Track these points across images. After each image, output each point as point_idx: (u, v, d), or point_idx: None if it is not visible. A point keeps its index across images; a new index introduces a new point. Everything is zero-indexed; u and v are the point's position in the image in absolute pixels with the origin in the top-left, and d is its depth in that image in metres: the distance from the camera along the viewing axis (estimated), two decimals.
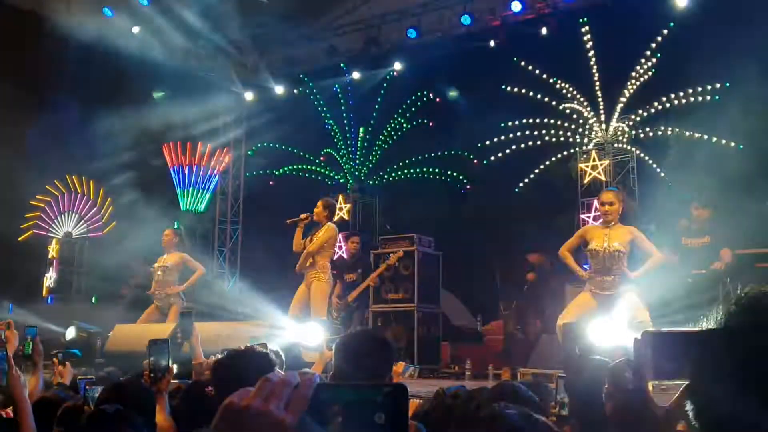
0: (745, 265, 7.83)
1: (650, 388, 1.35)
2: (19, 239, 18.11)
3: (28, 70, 14.60)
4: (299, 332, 6.72)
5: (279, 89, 15.75)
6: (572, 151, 12.96)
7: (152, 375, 3.45)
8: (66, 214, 18.70)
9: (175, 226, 9.93)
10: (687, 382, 1.33)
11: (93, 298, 17.07)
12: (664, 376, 1.32)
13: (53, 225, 18.64)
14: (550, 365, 6.53)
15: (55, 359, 5.39)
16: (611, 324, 5.75)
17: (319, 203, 8.64)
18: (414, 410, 3.89)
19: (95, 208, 18.57)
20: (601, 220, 7.15)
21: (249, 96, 16.59)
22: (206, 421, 1.02)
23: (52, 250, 17.72)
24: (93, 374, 5.22)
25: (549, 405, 3.16)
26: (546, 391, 3.43)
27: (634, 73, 12.31)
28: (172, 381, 3.72)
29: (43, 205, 18.68)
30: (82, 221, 18.58)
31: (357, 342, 2.99)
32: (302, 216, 8.62)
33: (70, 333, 7.97)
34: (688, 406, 1.05)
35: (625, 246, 6.74)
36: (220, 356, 3.65)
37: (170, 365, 3.56)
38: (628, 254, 6.76)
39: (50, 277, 17.49)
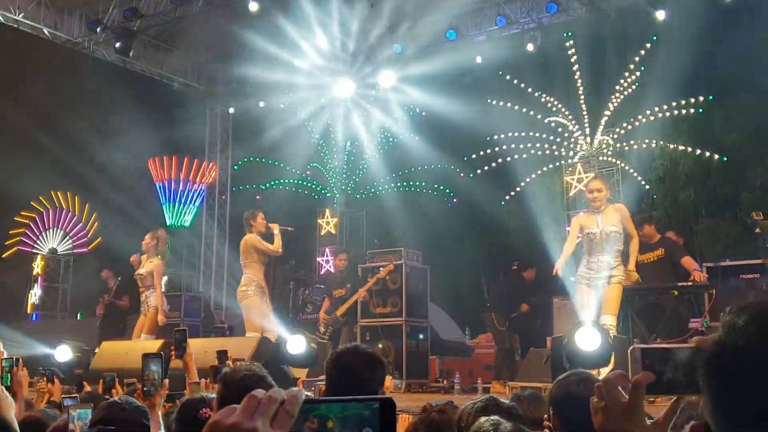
0: (731, 276, 7.87)
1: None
2: (3, 256, 17.97)
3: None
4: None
5: (264, 103, 15.75)
6: (558, 164, 13.03)
7: (145, 389, 3.43)
8: (51, 230, 18.58)
9: (156, 232, 9.80)
10: (677, 396, 1.34)
11: (78, 315, 16.94)
12: (655, 391, 1.33)
13: (38, 241, 18.52)
14: (538, 379, 6.54)
15: (37, 378, 5.34)
16: (596, 331, 5.79)
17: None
18: (405, 428, 3.89)
19: (80, 224, 18.47)
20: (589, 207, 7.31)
21: (234, 110, 16.58)
22: None
23: (37, 267, 17.59)
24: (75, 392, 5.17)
25: (543, 416, 3.17)
26: (539, 402, 3.43)
27: (618, 87, 12.40)
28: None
29: (27, 221, 18.56)
30: (67, 237, 18.46)
31: (349, 358, 2.99)
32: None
33: (64, 353, 7.88)
34: (710, 421, 1.05)
35: (618, 225, 6.96)
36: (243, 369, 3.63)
37: (164, 379, 3.54)
38: (623, 234, 6.95)
39: (35, 294, 17.35)
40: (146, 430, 3.18)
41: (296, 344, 6.99)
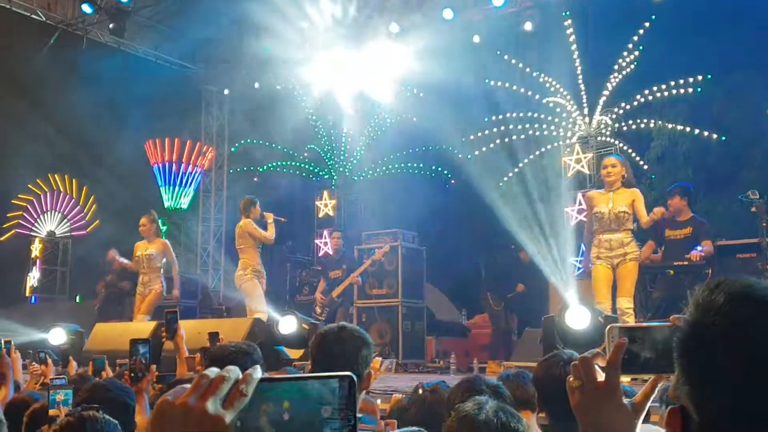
0: (727, 256, 7.84)
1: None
2: (1, 239, 17.97)
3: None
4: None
5: (260, 84, 15.67)
6: (556, 144, 12.97)
7: (132, 375, 3.41)
8: (49, 213, 18.57)
9: (151, 214, 9.81)
10: (653, 376, 1.31)
11: (77, 298, 16.97)
12: (633, 371, 1.30)
13: (36, 224, 18.51)
14: (534, 359, 6.53)
15: (29, 360, 5.33)
16: (586, 309, 5.78)
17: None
18: (391, 405, 3.87)
19: (78, 207, 18.46)
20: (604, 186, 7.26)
21: (230, 91, 16.49)
22: None
23: (36, 250, 17.59)
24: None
25: (531, 393, 3.17)
26: (528, 379, 3.42)
27: (616, 66, 12.31)
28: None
29: (25, 204, 18.54)
30: (65, 220, 18.45)
31: (332, 336, 2.97)
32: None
33: (58, 335, 7.87)
34: (688, 404, 1.02)
35: (629, 207, 6.88)
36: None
37: (151, 365, 3.52)
38: (632, 216, 6.85)
39: (33, 277, 17.37)
40: (131, 411, 3.16)
41: (287, 325, 6.99)
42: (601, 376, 1.29)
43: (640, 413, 1.33)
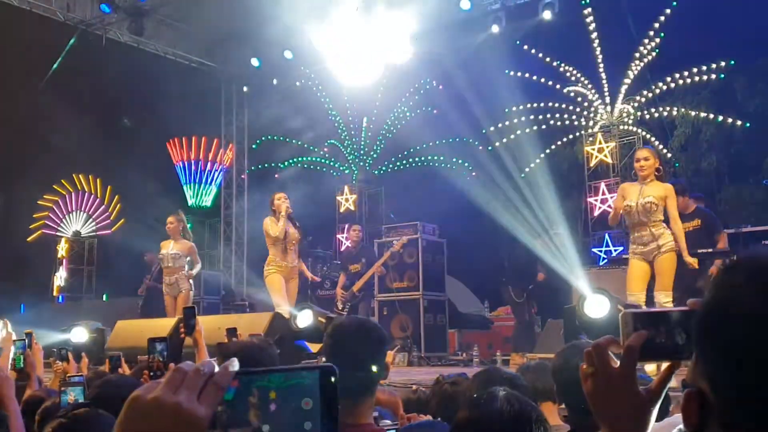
0: (753, 242, 7.72)
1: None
2: (28, 239, 18.19)
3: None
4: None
5: (279, 81, 15.68)
6: (578, 134, 12.87)
7: (151, 373, 3.42)
8: (74, 213, 18.78)
9: (179, 213, 9.83)
10: (669, 363, 1.27)
11: (104, 296, 17.14)
12: (649, 357, 1.26)
13: (62, 224, 18.73)
14: (556, 350, 6.49)
15: (53, 359, 5.36)
16: (606, 299, 5.70)
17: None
18: (403, 398, 3.85)
19: (103, 206, 18.64)
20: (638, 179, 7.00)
21: (249, 89, 16.53)
22: None
23: (62, 249, 17.79)
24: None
25: (551, 384, 3.13)
26: (548, 370, 3.38)
27: (637, 54, 12.17)
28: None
29: (51, 204, 18.76)
30: (90, 220, 18.65)
31: (345, 329, 2.94)
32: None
33: (80, 334, 7.94)
34: (707, 388, 0.98)
35: (658, 200, 6.63)
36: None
37: (170, 362, 3.52)
38: (662, 208, 6.64)
39: (60, 276, 17.57)
40: None
41: (304, 319, 6.99)
42: (615, 363, 1.26)
43: (656, 401, 1.29)
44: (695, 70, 11.98)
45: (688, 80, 12.16)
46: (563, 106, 13.04)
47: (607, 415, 1.26)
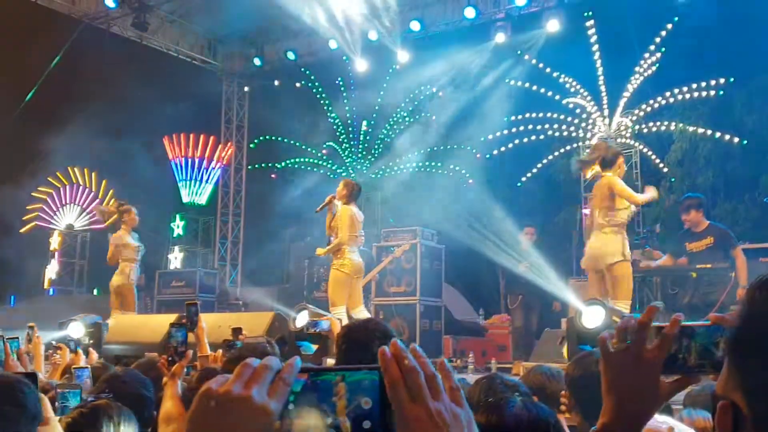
0: (751, 259, 7.76)
1: None
2: (21, 231, 18.10)
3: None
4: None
5: (281, 82, 15.70)
6: (575, 145, 12.93)
7: (170, 359, 3.41)
8: (68, 206, 18.70)
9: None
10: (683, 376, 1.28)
11: (95, 290, 17.08)
12: (669, 371, 1.27)
13: (55, 217, 18.64)
14: (552, 360, 6.51)
15: (51, 351, 5.35)
16: (601, 308, 5.73)
17: (341, 183, 8.20)
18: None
19: (97, 200, 18.57)
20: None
21: (250, 88, 16.54)
22: None
23: (54, 242, 17.72)
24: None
25: (556, 391, 3.14)
26: (554, 377, 3.39)
27: (638, 68, 12.25)
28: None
29: (45, 197, 18.68)
30: (84, 213, 18.57)
31: (361, 331, 2.96)
32: (327, 198, 8.21)
33: (77, 329, 7.90)
34: (741, 401, 1.01)
35: (603, 199, 6.73)
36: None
37: (187, 350, 3.52)
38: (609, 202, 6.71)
39: (52, 269, 17.49)
40: (147, 402, 3.16)
41: (301, 319, 6.99)
42: (651, 343, 1.27)
43: (662, 403, 1.32)
44: (694, 85, 12.07)
45: (687, 96, 12.25)
46: (562, 117, 13.10)
47: (622, 390, 1.27)
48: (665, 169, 12.95)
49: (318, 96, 15.81)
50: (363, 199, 15.08)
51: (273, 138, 16.21)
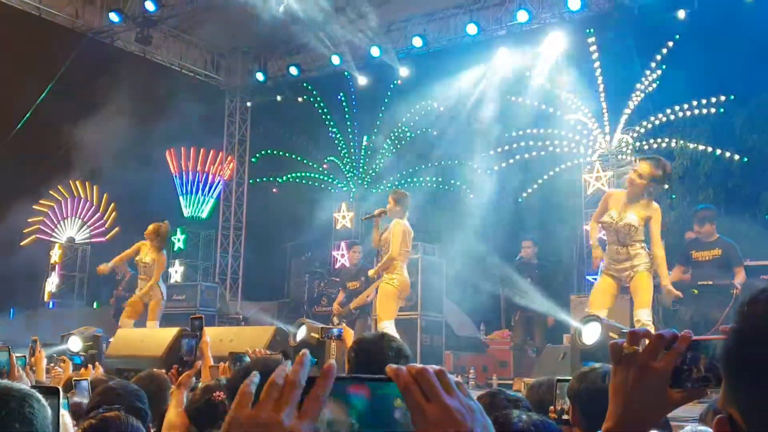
0: (752, 276, 7.78)
1: None
2: (21, 244, 18.10)
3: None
4: None
5: (283, 97, 15.77)
6: (576, 161, 12.95)
7: (179, 369, 3.42)
8: (69, 219, 18.70)
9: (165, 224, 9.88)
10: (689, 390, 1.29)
11: (95, 304, 17.05)
12: (677, 385, 1.28)
13: (56, 230, 18.64)
14: (554, 375, 6.52)
15: (52, 365, 5.36)
16: (598, 324, 5.71)
17: (390, 197, 7.95)
18: None
19: (98, 214, 18.58)
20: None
21: (252, 103, 16.60)
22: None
23: (55, 255, 17.71)
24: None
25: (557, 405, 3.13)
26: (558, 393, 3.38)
27: (639, 85, 12.30)
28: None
29: (46, 210, 18.69)
30: (85, 226, 18.57)
31: (372, 346, 2.97)
32: (376, 211, 8.07)
33: (76, 343, 7.89)
34: (737, 414, 1.01)
35: (640, 220, 6.33)
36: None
37: (196, 360, 3.53)
38: (642, 230, 6.38)
39: (52, 282, 17.47)
40: (142, 414, 3.16)
41: (300, 334, 6.98)
42: (662, 353, 1.27)
43: (669, 411, 1.32)
44: (695, 103, 12.12)
45: (688, 113, 12.29)
46: (563, 133, 13.13)
47: (628, 396, 1.27)
48: (666, 186, 12.95)
49: (320, 111, 15.86)
50: (363, 215, 15.12)
51: (275, 152, 16.25)
